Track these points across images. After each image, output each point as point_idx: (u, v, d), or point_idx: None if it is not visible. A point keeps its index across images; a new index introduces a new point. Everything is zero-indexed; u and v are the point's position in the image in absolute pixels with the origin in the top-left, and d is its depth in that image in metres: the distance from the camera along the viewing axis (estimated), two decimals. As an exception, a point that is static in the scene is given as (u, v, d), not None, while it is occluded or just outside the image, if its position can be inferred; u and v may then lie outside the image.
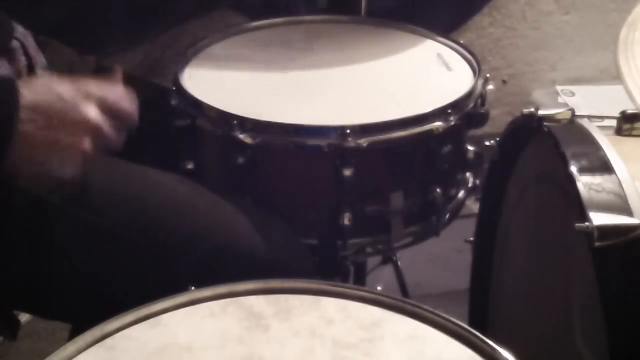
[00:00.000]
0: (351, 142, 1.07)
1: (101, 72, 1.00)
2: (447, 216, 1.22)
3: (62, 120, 0.88)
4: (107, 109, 0.92)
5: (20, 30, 1.04)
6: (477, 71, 1.25)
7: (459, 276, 1.39)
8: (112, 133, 0.93)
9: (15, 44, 1.03)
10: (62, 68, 1.10)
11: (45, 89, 0.90)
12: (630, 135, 0.99)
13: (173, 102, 1.16)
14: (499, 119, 1.58)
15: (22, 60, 1.03)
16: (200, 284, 0.83)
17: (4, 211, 0.95)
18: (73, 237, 0.99)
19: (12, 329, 1.07)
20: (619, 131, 1.00)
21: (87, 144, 0.90)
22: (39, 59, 1.07)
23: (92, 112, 0.90)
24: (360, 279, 1.52)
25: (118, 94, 0.95)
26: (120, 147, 0.95)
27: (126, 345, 0.76)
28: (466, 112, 1.17)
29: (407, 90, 1.23)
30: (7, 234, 0.97)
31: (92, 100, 0.91)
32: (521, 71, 2.20)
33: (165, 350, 0.75)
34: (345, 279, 1.31)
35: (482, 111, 1.21)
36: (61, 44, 1.19)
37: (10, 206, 0.96)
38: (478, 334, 0.76)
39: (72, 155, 0.89)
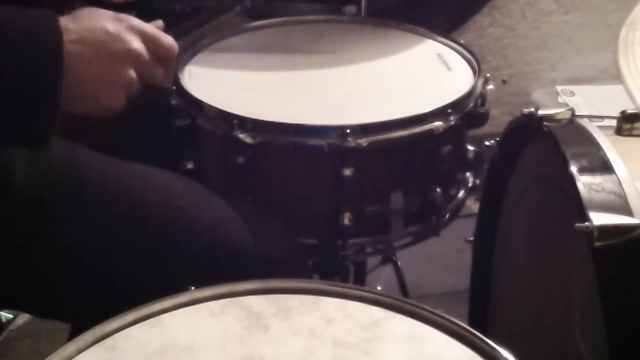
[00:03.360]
0: (351, 142, 1.07)
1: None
2: (447, 216, 1.22)
3: (108, 51, 0.90)
4: (148, 42, 0.94)
5: None
6: (477, 71, 1.25)
7: (459, 276, 1.39)
8: (155, 66, 0.94)
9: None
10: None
11: (89, 21, 0.91)
12: (630, 135, 0.99)
13: (173, 102, 1.16)
14: (499, 119, 1.58)
15: None
16: (197, 282, 0.83)
17: (1, 209, 0.95)
18: (71, 234, 0.99)
19: None
20: (619, 131, 1.00)
21: (132, 74, 0.91)
22: None
23: (136, 43, 0.92)
24: (360, 279, 1.52)
25: (159, 32, 0.96)
26: (165, 83, 0.96)
27: (126, 345, 0.76)
28: (466, 112, 1.17)
29: (407, 90, 1.23)
30: (4, 232, 0.97)
31: (135, 32, 0.93)
32: (521, 71, 2.20)
33: (165, 350, 0.75)
34: (345, 279, 1.31)
35: (482, 111, 1.21)
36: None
37: (8, 204, 0.96)
38: (478, 334, 0.76)
39: (118, 87, 0.90)
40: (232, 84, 1.22)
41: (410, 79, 1.26)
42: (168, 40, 0.97)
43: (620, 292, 0.81)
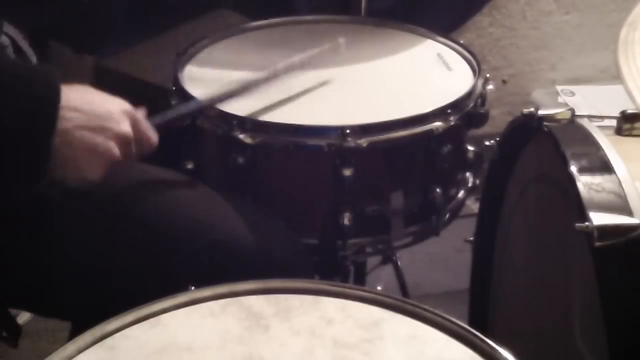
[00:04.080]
0: (351, 142, 1.07)
1: (100, 72, 1.02)
2: (447, 216, 1.22)
3: (101, 125, 0.92)
4: (137, 130, 0.96)
5: (11, 28, 1.04)
6: (477, 71, 1.25)
7: (459, 276, 1.39)
8: (134, 151, 0.96)
9: (4, 39, 1.03)
10: (60, 68, 1.10)
11: (89, 95, 0.94)
12: (630, 135, 0.99)
13: (173, 102, 1.16)
14: (499, 119, 1.58)
15: (13, 57, 1.03)
16: (198, 282, 0.83)
17: (4, 207, 0.95)
18: (72, 234, 0.99)
19: (13, 335, 1.08)
20: (619, 131, 1.00)
21: (117, 153, 0.92)
22: (31, 56, 1.07)
23: (127, 127, 0.95)
24: (360, 279, 1.52)
25: (147, 122, 0.99)
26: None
27: (126, 345, 0.76)
28: (466, 112, 1.17)
29: (407, 90, 1.23)
30: (6, 230, 0.97)
31: (128, 117, 0.95)
32: (521, 71, 2.20)
33: (165, 350, 0.75)
34: (345, 279, 1.31)
35: (482, 111, 1.21)
36: (60, 44, 1.19)
37: (10, 202, 0.96)
38: (478, 334, 0.76)
39: (102, 161, 0.92)
40: (232, 84, 1.22)
41: (410, 79, 1.26)
42: (153, 137, 0.99)
43: (620, 292, 0.81)
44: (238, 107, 1.11)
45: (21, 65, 0.97)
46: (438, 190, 1.16)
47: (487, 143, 1.19)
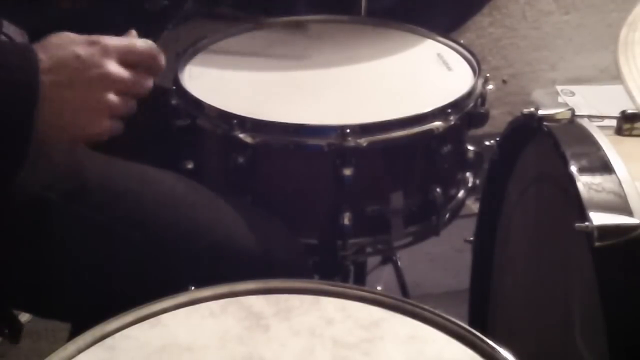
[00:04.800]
0: (351, 142, 1.07)
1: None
2: (447, 216, 1.22)
3: (83, 78, 0.88)
4: (126, 57, 0.92)
5: (11, 27, 1.04)
6: (477, 71, 1.25)
7: (459, 276, 1.39)
8: (139, 82, 0.92)
9: (3, 39, 1.03)
10: None
11: (60, 49, 0.89)
12: (630, 135, 0.99)
13: (173, 102, 1.16)
14: (499, 119, 1.58)
15: None
16: (198, 282, 0.83)
17: (3, 209, 0.95)
18: (72, 234, 0.99)
19: (14, 332, 1.07)
20: (619, 131, 1.00)
21: (112, 98, 0.89)
22: None
23: (112, 66, 0.90)
24: (360, 279, 1.52)
25: (134, 41, 0.94)
26: (147, 92, 0.94)
27: (126, 345, 0.76)
28: (466, 112, 1.17)
29: (407, 90, 1.23)
30: (5, 232, 0.97)
31: (110, 54, 0.90)
32: (521, 71, 2.20)
33: (165, 350, 0.75)
34: (345, 279, 1.31)
35: (482, 111, 1.21)
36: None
37: (9, 204, 0.96)
38: (478, 334, 0.76)
39: (100, 113, 0.89)
40: (232, 84, 1.22)
41: (410, 79, 1.26)
42: (145, 45, 0.94)
43: (620, 292, 0.81)
44: (238, 107, 1.11)
45: None
46: (438, 190, 1.16)
47: (487, 143, 1.19)
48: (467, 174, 1.27)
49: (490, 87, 1.23)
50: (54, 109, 0.87)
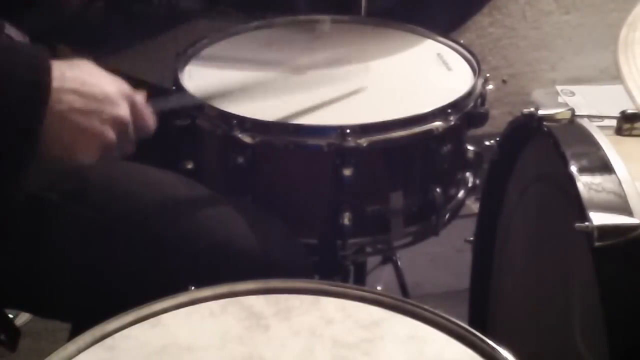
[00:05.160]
0: (351, 142, 1.07)
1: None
2: (447, 216, 1.22)
3: (98, 109, 0.90)
4: (135, 113, 0.94)
5: (13, 30, 1.04)
6: (477, 71, 1.25)
7: (459, 276, 1.39)
8: (132, 138, 0.94)
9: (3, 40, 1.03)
10: None
11: (88, 76, 0.91)
12: (630, 135, 0.99)
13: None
14: (499, 119, 1.58)
15: None
16: (198, 283, 0.83)
17: (3, 209, 0.95)
18: (72, 235, 0.99)
19: (12, 339, 1.07)
20: (619, 131, 1.00)
21: (113, 137, 0.91)
22: None
23: (125, 110, 0.92)
24: (360, 279, 1.52)
25: (145, 105, 0.97)
26: (127, 155, 0.96)
27: (126, 345, 0.76)
28: (466, 112, 1.17)
29: (407, 90, 1.23)
30: (6, 232, 0.97)
31: (127, 100, 0.93)
32: (521, 71, 2.20)
33: (165, 350, 0.75)
34: (345, 279, 1.31)
35: (482, 111, 1.21)
36: (60, 45, 1.19)
37: (9, 204, 0.96)
38: (478, 334, 0.76)
39: (97, 144, 0.90)
40: (232, 84, 1.22)
41: (410, 79, 1.26)
42: (150, 121, 0.98)
43: (620, 292, 0.81)
44: (238, 107, 1.11)
45: (8, 47, 0.93)
46: (438, 190, 1.16)
47: (487, 143, 1.19)
48: (467, 174, 1.27)
49: (490, 87, 1.23)
50: (58, 125, 0.88)
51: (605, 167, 0.87)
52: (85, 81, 0.90)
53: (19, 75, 0.85)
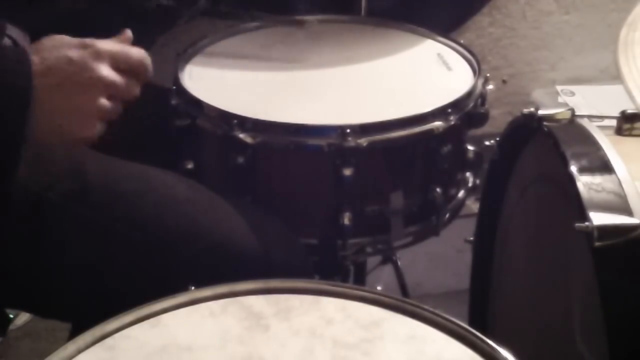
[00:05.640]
0: (351, 142, 1.07)
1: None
2: (447, 216, 1.22)
3: (75, 81, 0.88)
4: (119, 62, 0.92)
5: (14, 30, 1.04)
6: (477, 71, 1.25)
7: (459, 276, 1.39)
8: (128, 87, 0.92)
9: (7, 42, 1.03)
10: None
11: (53, 52, 0.89)
12: (630, 135, 0.99)
13: (173, 102, 1.16)
14: (499, 119, 1.58)
15: None
16: (198, 283, 0.83)
17: (3, 209, 0.95)
18: (72, 234, 0.99)
19: (1, 324, 1.07)
20: (619, 131, 1.00)
21: (104, 102, 0.90)
22: None
23: (104, 70, 0.90)
24: (360, 279, 1.52)
25: (127, 48, 0.95)
26: (134, 99, 0.94)
27: (126, 345, 0.76)
28: (466, 112, 1.17)
29: (407, 90, 1.23)
30: (5, 232, 0.97)
31: (103, 58, 0.91)
32: (521, 71, 2.20)
33: (165, 350, 0.75)
34: (345, 279, 1.31)
35: (482, 111, 1.21)
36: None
37: (9, 203, 0.96)
38: (478, 334, 0.76)
39: (91, 117, 0.89)
40: (232, 84, 1.22)
41: (410, 79, 1.26)
42: (138, 54, 0.95)
43: (620, 292, 0.81)
44: (238, 107, 1.11)
45: None
46: (438, 190, 1.16)
47: (487, 143, 1.19)
48: (467, 174, 1.27)
49: (490, 87, 1.23)
50: (46, 112, 0.87)
51: (605, 167, 0.87)
52: (53, 58, 0.88)
53: (2, 72, 0.85)
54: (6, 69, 0.86)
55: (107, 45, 0.93)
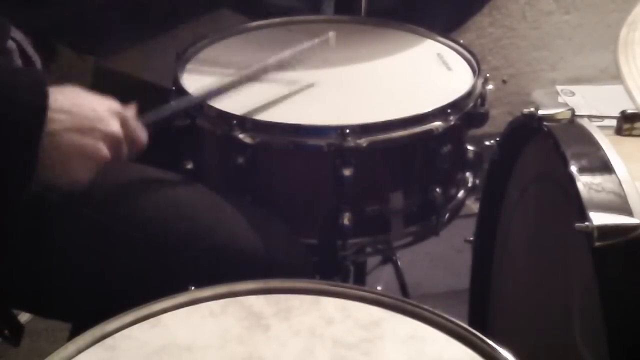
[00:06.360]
0: (351, 142, 1.07)
1: (100, 72, 1.01)
2: (447, 216, 1.22)
3: (91, 127, 0.91)
4: (126, 130, 0.96)
5: (18, 32, 1.04)
6: (477, 71, 1.25)
7: (459, 276, 1.39)
8: (125, 154, 0.95)
9: (10, 44, 1.03)
10: (62, 68, 1.11)
11: (77, 97, 0.93)
12: (630, 135, 0.99)
13: (173, 102, 1.16)
14: (499, 119, 1.58)
15: (19, 62, 1.03)
16: (199, 283, 0.83)
17: (4, 209, 0.95)
18: (73, 235, 0.99)
19: (15, 334, 1.08)
20: (619, 131, 1.00)
21: (107, 154, 0.92)
22: (37, 61, 1.07)
23: (116, 127, 0.94)
24: (360, 279, 1.52)
25: (135, 119, 0.98)
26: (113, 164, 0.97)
27: (126, 345, 0.76)
28: (466, 111, 1.17)
29: (407, 90, 1.23)
30: (6, 232, 0.97)
31: (117, 117, 0.95)
32: (521, 71, 2.20)
33: (165, 350, 0.75)
34: (345, 279, 1.31)
35: (482, 111, 1.21)
36: (61, 45, 1.19)
37: (10, 204, 0.96)
38: (478, 334, 0.76)
39: (93, 162, 0.91)
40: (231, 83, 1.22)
41: (410, 79, 1.26)
42: (142, 136, 0.99)
43: (620, 292, 0.81)
44: (237, 107, 1.11)
45: (7, 70, 0.95)
46: (438, 190, 1.16)
47: (487, 143, 1.19)
48: (467, 174, 1.27)
49: (490, 87, 1.23)
50: (53, 146, 0.89)
51: (605, 167, 0.87)
52: (76, 102, 0.92)
53: (19, 98, 0.86)
54: (25, 87, 0.88)
55: (124, 110, 0.97)
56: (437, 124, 1.12)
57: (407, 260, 1.73)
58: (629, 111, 0.99)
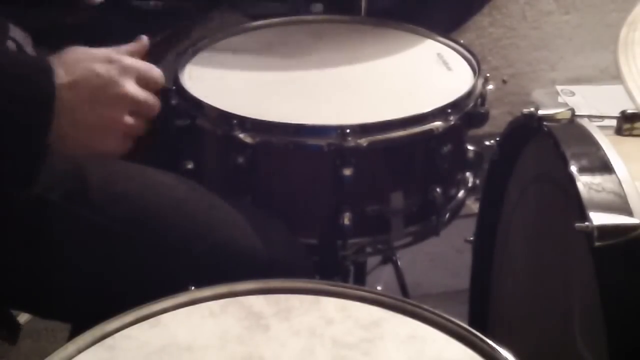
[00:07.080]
0: (351, 142, 1.07)
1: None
2: (447, 216, 1.22)
3: (101, 96, 0.89)
4: (140, 79, 0.93)
5: (17, 31, 1.04)
6: (477, 71, 1.25)
7: (459, 276, 1.39)
8: (151, 104, 0.93)
9: (11, 45, 1.03)
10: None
11: (79, 65, 0.90)
12: (630, 135, 0.99)
13: (173, 102, 1.16)
14: (499, 119, 1.58)
15: None
16: (199, 284, 0.83)
17: (4, 210, 0.95)
18: (72, 235, 0.99)
19: (12, 333, 1.07)
20: (619, 131, 1.00)
21: (128, 119, 0.90)
22: None
23: (130, 86, 0.91)
24: (360, 279, 1.52)
25: (150, 66, 0.96)
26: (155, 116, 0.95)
27: (126, 345, 0.76)
28: (466, 111, 1.17)
29: (407, 90, 1.23)
30: (6, 233, 0.97)
31: (129, 74, 0.92)
32: (521, 71, 2.20)
33: (165, 350, 0.75)
34: (345, 279, 1.31)
35: (482, 111, 1.21)
36: (60, 44, 1.19)
37: (10, 204, 0.96)
38: (478, 334, 0.76)
39: (114, 132, 0.90)
40: (232, 84, 1.22)
41: (410, 79, 1.26)
42: (157, 73, 0.97)
43: (620, 292, 0.81)
44: (238, 107, 1.11)
45: (11, 57, 0.93)
46: (438, 190, 1.16)
47: (487, 143, 1.19)
48: (467, 174, 1.27)
49: (490, 87, 1.23)
50: (71, 124, 0.88)
51: (605, 167, 0.87)
52: (80, 72, 0.89)
53: (26, 83, 0.85)
54: (30, 80, 0.86)
55: (132, 61, 0.94)
56: (437, 123, 1.12)
57: (407, 260, 1.73)
58: (629, 111, 0.99)
